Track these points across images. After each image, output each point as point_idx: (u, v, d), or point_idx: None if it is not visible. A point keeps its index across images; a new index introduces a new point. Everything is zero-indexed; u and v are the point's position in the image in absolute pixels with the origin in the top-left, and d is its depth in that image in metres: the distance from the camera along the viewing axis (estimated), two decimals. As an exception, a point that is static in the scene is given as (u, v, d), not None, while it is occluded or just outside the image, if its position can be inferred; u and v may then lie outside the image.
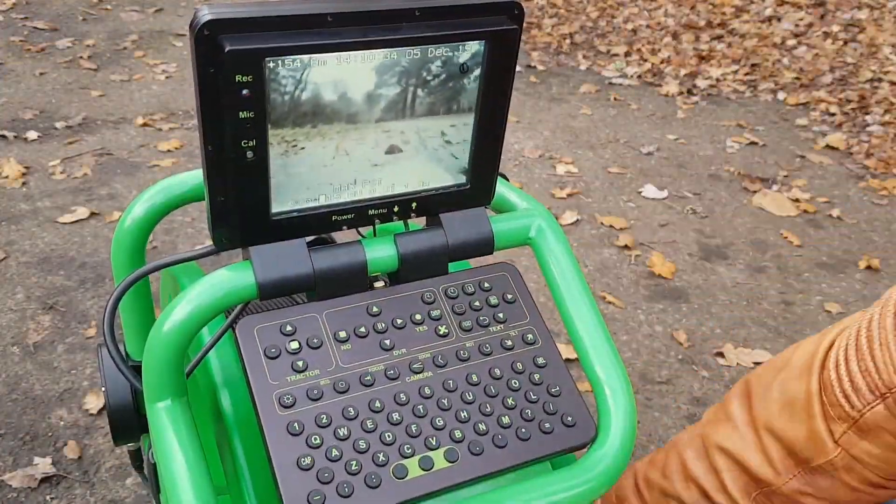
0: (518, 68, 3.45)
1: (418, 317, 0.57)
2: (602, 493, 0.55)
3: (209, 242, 0.54)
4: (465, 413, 0.53)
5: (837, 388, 0.69)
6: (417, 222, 0.61)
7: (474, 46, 0.51)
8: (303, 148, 0.51)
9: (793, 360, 0.76)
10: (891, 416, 0.66)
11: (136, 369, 0.57)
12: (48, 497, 1.29)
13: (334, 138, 0.51)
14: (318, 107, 0.49)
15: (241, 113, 0.47)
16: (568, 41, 3.87)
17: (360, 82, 0.49)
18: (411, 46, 0.49)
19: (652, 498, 0.85)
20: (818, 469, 0.72)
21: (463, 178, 0.58)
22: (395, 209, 0.57)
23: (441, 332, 0.57)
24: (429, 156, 0.56)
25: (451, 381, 0.54)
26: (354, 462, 0.49)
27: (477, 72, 0.53)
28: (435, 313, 0.57)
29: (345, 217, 0.55)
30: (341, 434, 0.50)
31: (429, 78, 0.51)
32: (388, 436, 0.51)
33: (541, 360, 0.57)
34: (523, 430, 0.54)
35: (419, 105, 0.53)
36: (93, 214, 2.11)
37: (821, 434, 0.71)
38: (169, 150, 2.51)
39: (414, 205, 0.58)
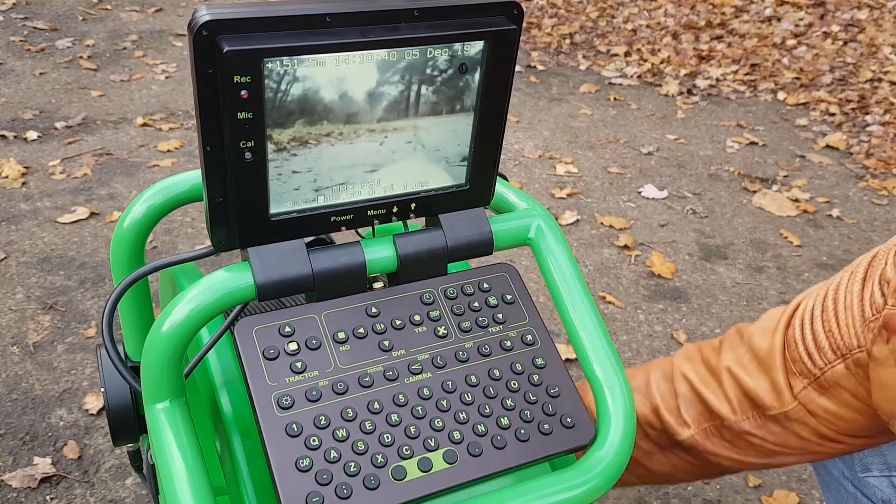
0: (518, 68, 3.45)
1: (417, 318, 0.57)
2: (602, 495, 0.55)
3: (208, 243, 0.54)
4: (465, 414, 0.53)
5: (801, 345, 0.73)
6: (417, 223, 0.61)
7: (473, 47, 0.51)
8: (301, 148, 0.51)
9: (762, 319, 0.80)
10: (850, 375, 0.69)
11: (136, 370, 0.57)
12: (48, 497, 1.29)
13: (333, 139, 0.51)
14: (316, 107, 0.49)
15: (239, 113, 0.47)
16: (568, 41, 3.87)
17: (359, 83, 0.49)
18: (410, 47, 0.49)
19: None
20: (773, 417, 0.76)
21: (462, 179, 0.58)
22: (395, 210, 0.57)
23: (440, 333, 0.57)
24: (428, 156, 0.56)
25: (450, 382, 0.54)
26: (353, 463, 0.49)
27: (476, 72, 0.53)
28: (434, 314, 0.57)
29: (344, 218, 0.55)
30: (340, 435, 0.50)
31: (428, 78, 0.51)
32: (387, 437, 0.51)
33: (540, 361, 0.57)
34: (522, 431, 0.54)
35: (418, 105, 0.52)
36: (93, 214, 2.11)
37: (780, 386, 0.74)
38: (169, 150, 2.51)
39: (413, 205, 0.58)
